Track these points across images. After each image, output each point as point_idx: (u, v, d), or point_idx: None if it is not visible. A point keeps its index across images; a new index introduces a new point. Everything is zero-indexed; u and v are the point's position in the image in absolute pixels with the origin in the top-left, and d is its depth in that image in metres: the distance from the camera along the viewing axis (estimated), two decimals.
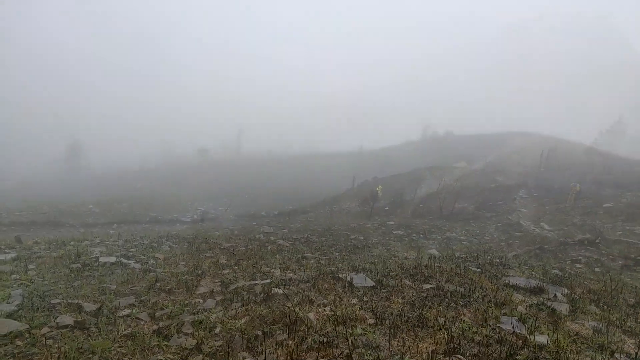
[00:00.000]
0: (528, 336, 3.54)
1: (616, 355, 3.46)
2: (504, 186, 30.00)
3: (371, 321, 4.08)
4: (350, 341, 3.47)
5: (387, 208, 26.61)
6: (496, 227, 20.02)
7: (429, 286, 5.34)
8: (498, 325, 3.95)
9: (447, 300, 4.80)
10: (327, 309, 4.54)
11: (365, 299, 4.87)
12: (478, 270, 6.83)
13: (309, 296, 5.04)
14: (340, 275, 5.98)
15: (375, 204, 24.80)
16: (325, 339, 3.67)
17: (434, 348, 3.25)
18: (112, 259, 7.13)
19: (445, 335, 3.47)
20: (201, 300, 5.03)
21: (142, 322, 4.33)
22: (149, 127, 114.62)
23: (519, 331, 3.77)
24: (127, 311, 4.57)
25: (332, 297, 4.99)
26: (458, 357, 3.03)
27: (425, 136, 74.50)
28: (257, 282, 5.72)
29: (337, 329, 3.89)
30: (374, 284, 5.53)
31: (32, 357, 3.34)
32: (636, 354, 3.55)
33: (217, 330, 4.01)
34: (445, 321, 3.96)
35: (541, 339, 3.50)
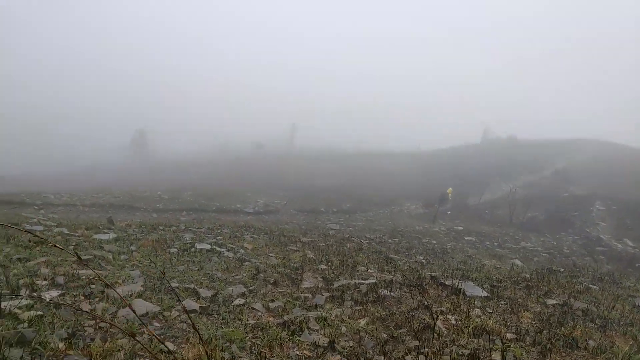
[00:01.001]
0: None
1: None
2: (578, 197, 28.08)
3: (509, 336, 3.75)
4: (501, 356, 3.17)
5: (449, 212, 25.73)
6: (573, 239, 18.79)
7: (553, 302, 4.91)
8: None
9: (582, 319, 4.36)
10: (451, 317, 4.26)
11: (488, 310, 4.53)
12: (595, 287, 6.26)
13: (423, 302, 4.78)
14: (447, 282, 5.66)
15: (445, 206, 24.02)
16: (466, 351, 3.40)
17: None
18: (207, 246, 7.23)
19: None
20: (310, 296, 4.91)
21: (259, 313, 4.26)
22: (204, 120, 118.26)
23: None
24: (241, 300, 4.53)
25: (448, 304, 4.69)
26: None
27: (486, 139, 71.58)
28: (361, 281, 5.53)
29: (476, 341, 3.61)
30: (488, 294, 5.17)
31: (175, 340, 3.33)
32: None
33: (343, 329, 3.85)
34: (598, 345, 3.56)
35: None
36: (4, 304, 3.35)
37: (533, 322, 4.23)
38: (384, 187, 37.24)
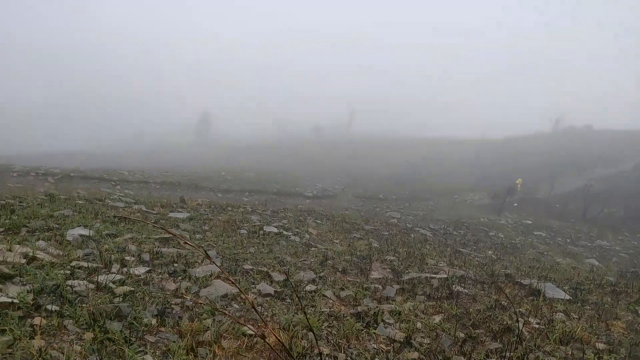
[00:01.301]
0: None
1: None
2: None
3: (601, 346, 3.49)
4: None
5: (515, 205, 24.47)
6: None
7: None
8: None
9: None
10: (532, 320, 4.04)
11: (574, 315, 4.25)
12: None
13: (500, 302, 4.57)
14: (523, 282, 5.38)
15: (512, 198, 22.95)
16: (553, 359, 3.21)
17: None
18: (274, 230, 7.39)
19: None
20: (380, 287, 4.87)
21: (331, 301, 4.28)
22: (265, 103, 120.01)
23: None
24: (312, 287, 4.57)
25: (528, 306, 4.46)
26: None
27: (559, 128, 66.74)
28: (431, 275, 5.40)
29: (563, 348, 3.39)
30: (570, 298, 4.85)
31: (255, 324, 3.43)
32: None
33: (419, 325, 3.77)
34: None
35: None
36: (100, 277, 3.62)
37: (625, 333, 3.92)
38: (445, 175, 36.11)
